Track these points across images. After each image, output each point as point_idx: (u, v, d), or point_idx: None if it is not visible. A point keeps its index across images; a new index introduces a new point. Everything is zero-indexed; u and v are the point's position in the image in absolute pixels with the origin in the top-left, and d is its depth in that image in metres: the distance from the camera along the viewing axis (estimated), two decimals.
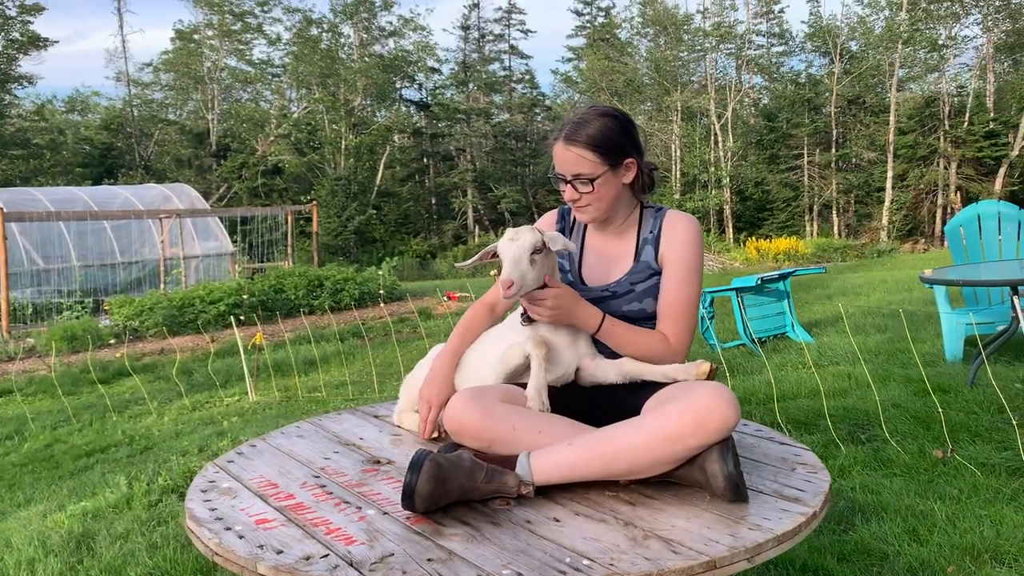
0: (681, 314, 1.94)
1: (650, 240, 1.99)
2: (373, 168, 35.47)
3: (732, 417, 1.54)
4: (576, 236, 2.11)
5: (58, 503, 3.85)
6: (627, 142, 1.95)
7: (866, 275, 14.19)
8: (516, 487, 1.53)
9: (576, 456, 1.57)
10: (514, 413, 1.69)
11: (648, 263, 1.98)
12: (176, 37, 36.64)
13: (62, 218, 12.91)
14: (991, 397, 3.89)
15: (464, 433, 1.67)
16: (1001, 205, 5.52)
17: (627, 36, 39.46)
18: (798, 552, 2.50)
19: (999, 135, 28.99)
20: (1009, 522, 2.62)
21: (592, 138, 1.89)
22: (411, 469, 1.48)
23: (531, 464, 1.56)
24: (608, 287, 1.99)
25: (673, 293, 1.94)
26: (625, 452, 1.55)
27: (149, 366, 8.39)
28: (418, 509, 1.48)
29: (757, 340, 6.38)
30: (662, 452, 1.54)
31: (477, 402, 1.68)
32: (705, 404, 1.54)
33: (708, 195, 31.42)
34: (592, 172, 1.91)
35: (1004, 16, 31.01)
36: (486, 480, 1.52)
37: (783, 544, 1.37)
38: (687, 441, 1.53)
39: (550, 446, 1.60)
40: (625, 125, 1.96)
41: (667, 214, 2.02)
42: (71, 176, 33.00)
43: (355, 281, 12.87)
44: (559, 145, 1.93)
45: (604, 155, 1.91)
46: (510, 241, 1.78)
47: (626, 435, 1.57)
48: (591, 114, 1.94)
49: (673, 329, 1.93)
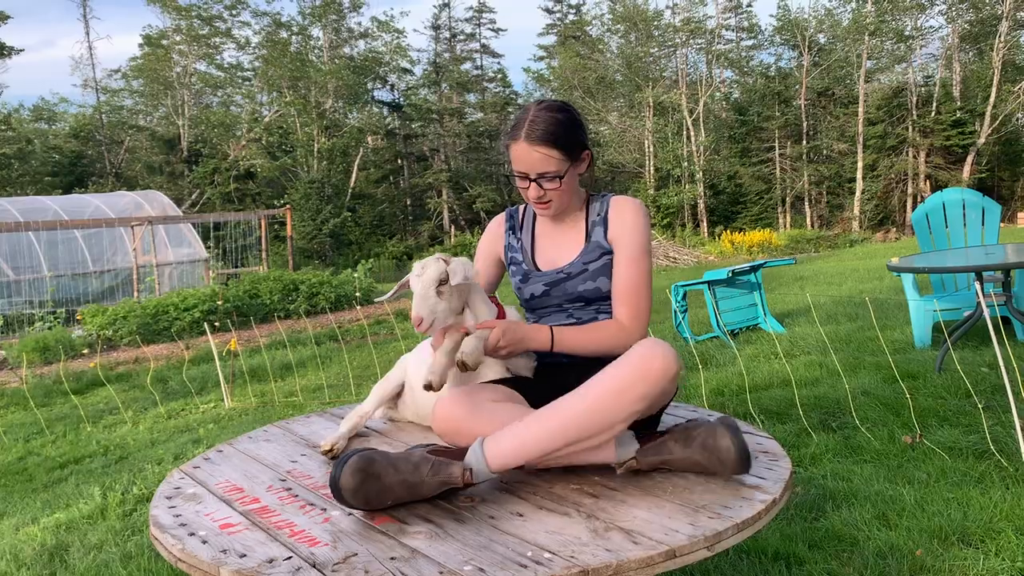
0: (635, 294, 1.96)
1: (599, 222, 2.03)
2: (347, 170, 35.28)
3: (673, 362, 1.58)
4: (526, 229, 2.14)
5: (31, 516, 3.81)
6: (582, 134, 1.98)
7: (838, 264, 14.32)
8: (461, 476, 1.52)
9: (526, 433, 1.57)
10: (504, 407, 1.70)
11: (599, 242, 2.01)
12: (144, 43, 36.29)
13: (31, 228, 12.75)
14: (958, 382, 3.95)
15: (455, 434, 1.67)
16: (965, 192, 5.60)
17: (598, 33, 39.55)
18: (769, 540, 2.53)
19: (966, 123, 29.34)
20: (976, 504, 2.66)
21: (554, 136, 1.91)
22: (337, 463, 1.50)
23: (484, 450, 1.56)
24: (562, 269, 2.02)
25: (626, 274, 1.97)
26: (575, 418, 1.56)
27: (123, 375, 8.31)
28: (349, 503, 1.49)
29: (730, 332, 6.43)
30: (611, 408, 1.56)
31: (466, 399, 1.69)
32: (645, 351, 1.59)
33: (682, 190, 31.54)
34: (559, 169, 1.94)
35: (967, 7, 31.41)
36: (432, 473, 1.52)
37: (743, 531, 1.38)
38: (635, 389, 1.56)
39: (503, 429, 1.60)
40: (576, 117, 1.99)
41: (612, 198, 2.06)
42: (40, 185, 32.56)
43: (331, 284, 12.82)
44: (521, 145, 1.93)
45: (567, 151, 1.93)
46: (416, 277, 1.77)
47: (573, 402, 1.58)
48: (543, 111, 1.94)
49: (629, 311, 1.96)
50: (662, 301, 8.60)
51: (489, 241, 2.21)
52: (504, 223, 2.20)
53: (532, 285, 2.05)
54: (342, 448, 1.93)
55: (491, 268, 2.20)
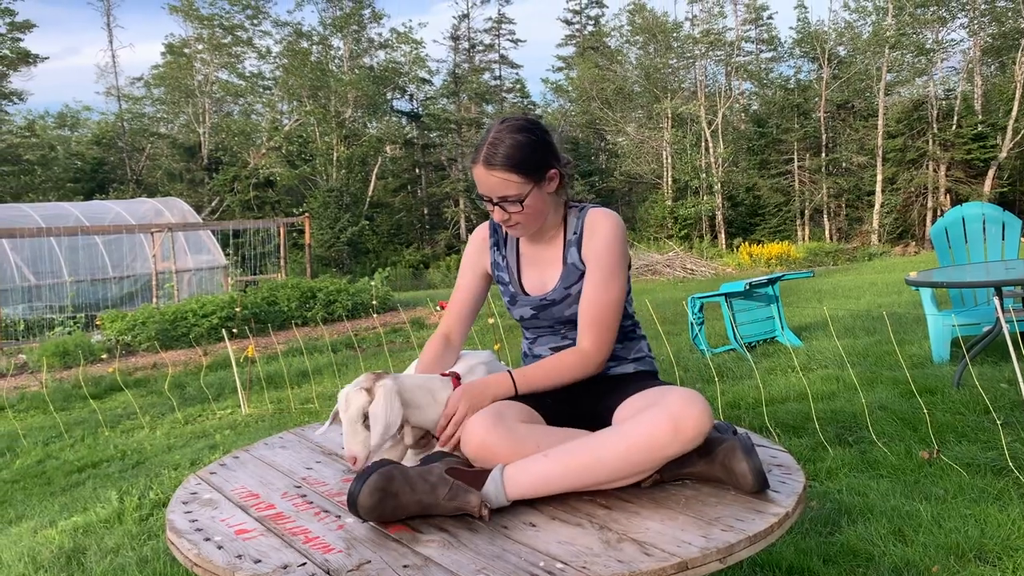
0: (601, 321, 1.90)
1: (573, 242, 1.96)
2: (365, 179, 35.48)
3: (707, 423, 1.57)
4: (511, 247, 2.08)
5: (49, 519, 3.85)
6: (546, 154, 1.89)
7: (856, 278, 14.24)
8: (478, 507, 1.50)
9: (552, 469, 1.56)
10: (538, 433, 1.68)
11: (574, 264, 1.95)
12: (167, 51, 36.69)
13: (53, 234, 12.90)
14: (976, 398, 3.92)
15: (490, 459, 1.63)
16: (985, 207, 5.56)
17: (617, 44, 39.66)
18: (784, 554, 2.52)
19: (987, 137, 29.15)
20: (993, 521, 2.64)
21: (512, 159, 1.83)
22: (357, 479, 1.50)
23: (504, 478, 1.55)
24: (546, 296, 1.98)
25: (592, 298, 1.90)
26: (603, 463, 1.56)
27: (141, 380, 8.37)
28: (364, 518, 1.50)
29: (746, 345, 6.40)
30: (641, 461, 1.57)
31: (500, 426, 1.65)
32: (679, 413, 1.57)
33: (700, 201, 31.50)
34: (519, 193, 1.86)
35: (989, 20, 31.26)
36: (449, 497, 1.51)
37: (756, 544, 1.38)
38: (665, 450, 1.57)
39: (525, 459, 1.59)
40: (541, 137, 1.90)
41: (588, 212, 1.98)
42: (62, 192, 32.95)
43: (348, 292, 12.88)
44: (479, 169, 1.86)
45: (527, 174, 1.85)
46: (343, 412, 1.70)
47: (604, 445, 1.58)
48: (504, 132, 1.86)
49: (592, 338, 1.89)
50: (679, 313, 8.58)
51: (474, 253, 2.14)
52: (488, 236, 2.12)
53: (520, 308, 2.02)
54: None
55: (477, 281, 2.13)
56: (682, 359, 6.21)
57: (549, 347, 2.04)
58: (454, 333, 2.11)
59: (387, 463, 1.54)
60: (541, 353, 2.05)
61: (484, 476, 1.56)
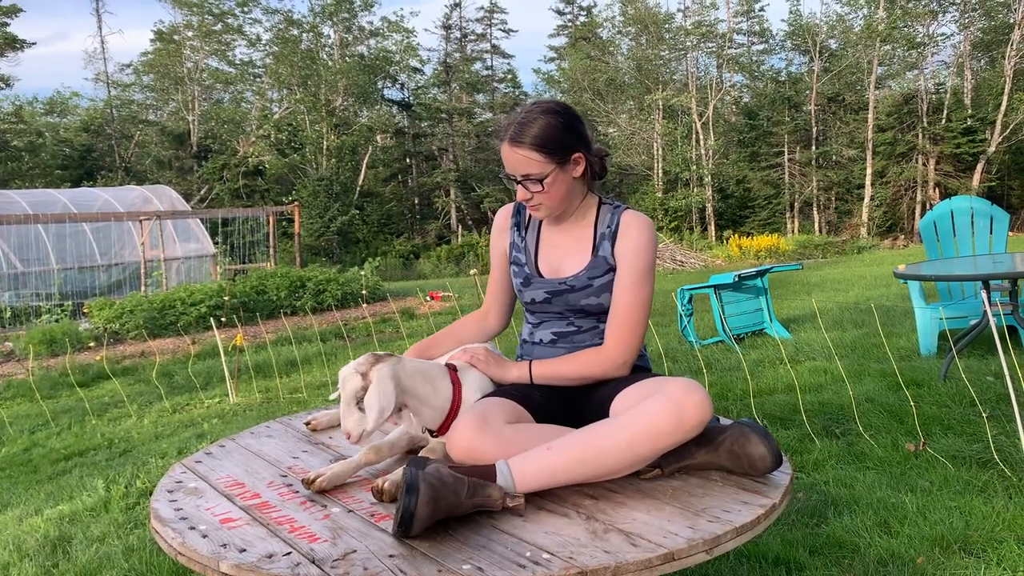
0: (629, 319, 1.92)
1: (607, 235, 1.98)
2: (355, 168, 35.33)
3: (708, 410, 1.59)
4: (532, 229, 2.10)
5: (35, 507, 3.83)
6: (572, 137, 1.92)
7: (845, 271, 14.29)
8: (500, 500, 1.48)
9: (557, 461, 1.56)
10: (524, 431, 1.68)
11: (605, 258, 1.97)
12: (156, 38, 36.42)
13: (40, 220, 12.81)
14: (963, 390, 3.94)
15: (478, 461, 1.61)
16: (973, 201, 5.58)
17: (609, 35, 39.58)
18: (770, 545, 2.53)
19: (976, 132, 29.22)
20: (978, 513, 2.65)
21: (537, 138, 1.87)
22: (408, 492, 1.39)
23: (512, 473, 1.54)
24: (566, 280, 1.99)
25: (624, 297, 1.93)
26: (606, 454, 1.57)
27: (129, 369, 8.34)
28: (414, 534, 1.40)
29: (735, 336, 6.42)
30: (643, 450, 1.58)
31: (486, 430, 1.64)
32: (681, 400, 1.58)
33: (690, 193, 31.51)
34: (541, 172, 1.89)
35: (980, 14, 31.34)
36: (469, 495, 1.47)
37: (742, 536, 1.38)
38: (668, 438, 1.58)
39: (529, 452, 1.58)
40: (569, 120, 1.92)
41: (624, 212, 2.00)
42: (50, 178, 32.72)
43: (337, 282, 12.83)
44: (505, 146, 1.90)
45: (550, 154, 1.88)
46: (341, 391, 1.71)
47: (607, 436, 1.58)
48: (534, 112, 1.90)
49: (618, 334, 1.92)
50: (668, 304, 8.59)
51: (496, 236, 2.17)
52: (510, 217, 2.14)
53: (534, 291, 2.02)
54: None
55: (504, 263, 2.16)
56: (671, 350, 6.22)
57: (552, 331, 2.04)
58: (492, 314, 2.20)
59: (418, 472, 1.44)
60: (542, 338, 2.05)
61: (492, 471, 1.55)
